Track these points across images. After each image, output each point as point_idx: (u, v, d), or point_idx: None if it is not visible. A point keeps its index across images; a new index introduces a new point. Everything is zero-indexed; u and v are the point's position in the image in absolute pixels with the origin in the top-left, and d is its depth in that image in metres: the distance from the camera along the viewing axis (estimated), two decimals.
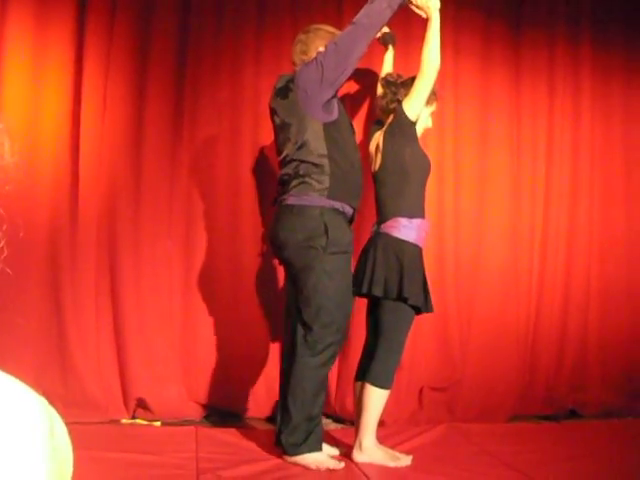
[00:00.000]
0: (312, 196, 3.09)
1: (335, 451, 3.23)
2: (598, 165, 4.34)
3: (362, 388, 3.19)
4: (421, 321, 3.96)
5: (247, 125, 3.92)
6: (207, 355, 3.87)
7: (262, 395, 3.87)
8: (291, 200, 3.12)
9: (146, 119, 3.80)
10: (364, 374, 3.19)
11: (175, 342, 3.84)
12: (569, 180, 4.29)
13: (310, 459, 3.04)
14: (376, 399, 3.15)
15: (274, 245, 3.25)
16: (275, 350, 3.89)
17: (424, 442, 3.49)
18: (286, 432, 3.07)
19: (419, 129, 3.31)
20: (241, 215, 3.91)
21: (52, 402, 3.24)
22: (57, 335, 3.67)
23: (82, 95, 3.71)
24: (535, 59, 4.24)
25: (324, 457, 3.08)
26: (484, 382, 4.06)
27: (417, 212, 3.24)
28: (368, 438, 3.16)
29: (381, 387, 3.15)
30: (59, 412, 3.09)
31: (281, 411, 3.15)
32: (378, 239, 3.21)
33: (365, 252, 3.26)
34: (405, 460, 3.13)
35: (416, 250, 3.22)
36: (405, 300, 3.14)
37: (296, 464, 3.05)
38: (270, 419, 3.82)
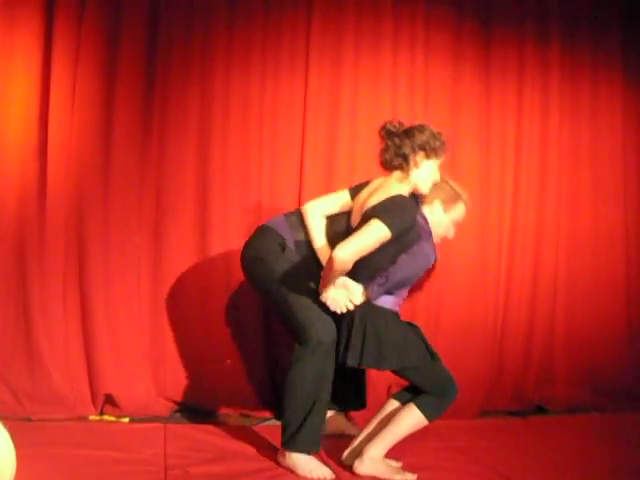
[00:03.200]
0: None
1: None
2: (566, 163, 4.40)
3: (395, 406, 3.13)
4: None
5: (216, 125, 3.91)
6: (175, 351, 3.86)
7: (233, 391, 3.86)
8: None
9: (115, 119, 3.77)
10: (409, 398, 3.09)
11: (143, 338, 3.82)
12: (537, 177, 4.33)
13: (301, 462, 2.98)
14: (415, 423, 3.04)
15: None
16: (245, 345, 3.89)
17: None
18: (283, 428, 3.03)
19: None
20: (210, 214, 3.90)
21: (19, 398, 3.24)
22: (24, 331, 3.63)
23: (50, 95, 3.68)
24: (505, 58, 4.28)
25: (316, 464, 2.99)
26: (454, 377, 4.08)
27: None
28: (378, 450, 3.02)
29: (427, 417, 3.05)
30: (26, 408, 3.09)
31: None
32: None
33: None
34: (410, 477, 2.99)
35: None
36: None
37: (285, 464, 3.01)
38: (242, 415, 3.83)
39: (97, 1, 3.73)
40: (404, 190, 3.02)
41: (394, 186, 3.01)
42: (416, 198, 3.13)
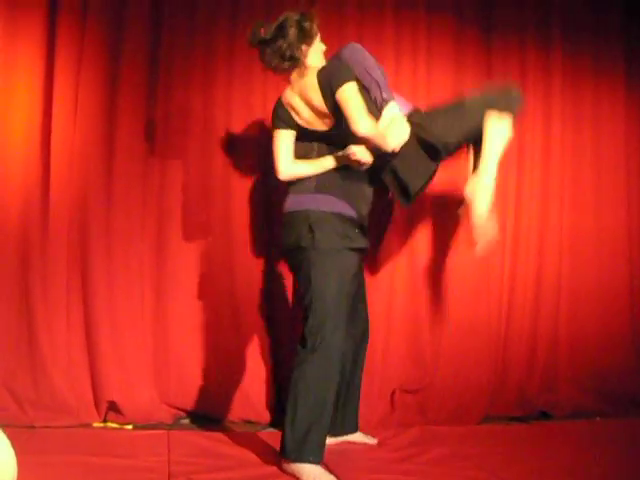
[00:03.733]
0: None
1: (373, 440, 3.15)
2: (568, 167, 4.40)
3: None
4: (392, 323, 4.00)
5: (219, 133, 3.92)
6: (179, 358, 3.85)
7: (237, 398, 3.86)
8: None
9: (117, 127, 3.78)
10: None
11: (147, 345, 3.82)
12: (540, 182, 4.33)
13: (305, 470, 2.95)
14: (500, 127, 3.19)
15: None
16: (248, 352, 3.89)
17: (396, 445, 3.49)
18: (286, 433, 3.01)
19: None
20: (213, 218, 3.91)
21: (22, 406, 3.24)
22: (27, 338, 3.64)
23: (52, 103, 3.69)
24: (506, 64, 4.28)
25: (320, 471, 2.97)
26: (456, 384, 4.08)
27: None
28: (490, 170, 3.18)
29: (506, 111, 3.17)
30: (29, 416, 3.09)
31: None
32: None
33: None
34: None
35: None
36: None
37: (289, 470, 2.99)
38: (245, 422, 3.82)
39: (99, 9, 3.75)
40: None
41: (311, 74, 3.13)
42: None
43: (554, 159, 4.35)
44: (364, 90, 3.11)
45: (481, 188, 3.22)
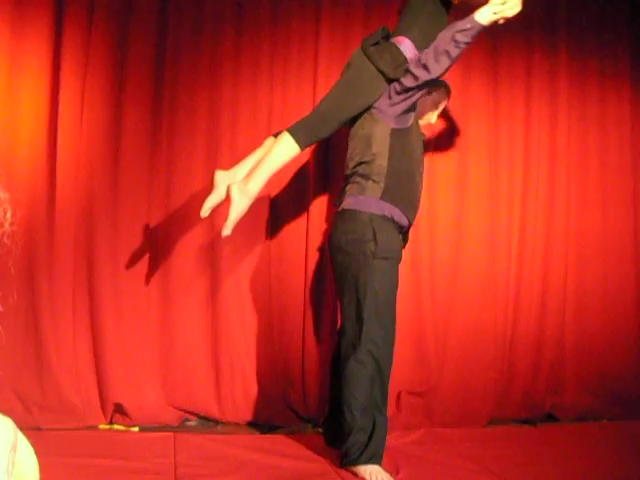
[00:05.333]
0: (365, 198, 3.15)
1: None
2: (574, 170, 4.38)
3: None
4: (398, 325, 3.99)
5: (225, 133, 3.92)
6: (185, 360, 3.85)
7: (241, 400, 3.86)
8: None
9: (124, 127, 3.79)
10: None
11: (153, 347, 3.83)
12: (546, 185, 4.32)
13: (369, 470, 2.98)
14: (286, 148, 3.19)
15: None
16: (255, 354, 3.89)
17: (403, 448, 3.48)
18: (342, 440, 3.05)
19: None
20: (219, 224, 3.89)
21: (29, 407, 3.24)
22: (33, 340, 3.64)
23: (59, 103, 3.69)
24: (512, 66, 4.27)
25: (379, 469, 2.99)
26: (462, 386, 4.08)
27: None
28: (257, 183, 3.14)
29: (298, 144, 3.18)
30: (36, 418, 3.09)
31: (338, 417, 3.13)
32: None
33: None
34: None
35: None
36: None
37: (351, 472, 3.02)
38: (251, 424, 3.82)
39: (105, 9, 3.75)
40: None
41: None
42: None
43: (560, 162, 4.34)
44: None
45: None
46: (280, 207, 3.99)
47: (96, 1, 3.74)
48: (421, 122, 3.44)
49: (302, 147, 3.17)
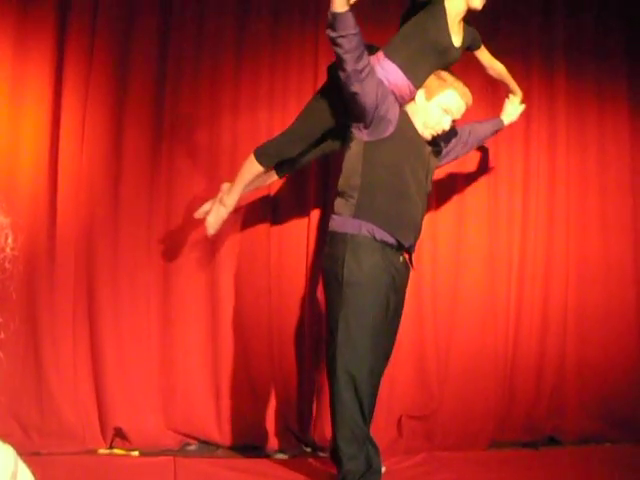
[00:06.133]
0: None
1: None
2: (574, 192, 4.39)
3: None
4: (399, 349, 3.98)
5: (225, 155, 3.93)
6: (186, 384, 3.84)
7: (244, 424, 3.84)
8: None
9: (125, 150, 3.81)
10: None
11: (153, 371, 3.81)
12: (545, 207, 4.33)
13: None
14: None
15: None
16: (256, 378, 3.88)
17: (403, 472, 3.46)
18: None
19: None
20: (219, 246, 3.91)
21: (28, 431, 3.23)
22: (33, 363, 3.63)
23: (60, 127, 3.71)
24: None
25: None
26: (463, 409, 4.06)
27: None
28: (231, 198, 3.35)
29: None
30: (35, 442, 3.08)
31: None
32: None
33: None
34: None
35: None
36: None
37: None
38: (251, 448, 3.80)
39: (107, 31, 3.78)
40: None
41: None
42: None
43: (559, 184, 4.35)
44: None
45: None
46: (281, 233, 3.99)
47: (97, 24, 3.77)
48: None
49: (265, 165, 3.25)
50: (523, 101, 3.85)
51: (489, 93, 4.17)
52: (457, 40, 3.22)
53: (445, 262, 4.15)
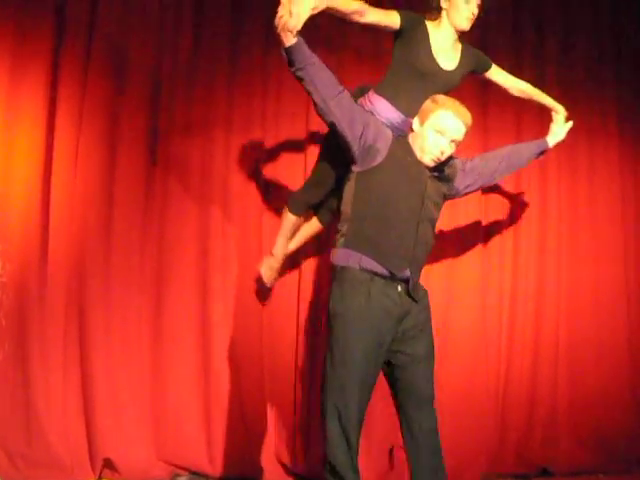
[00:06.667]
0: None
1: None
2: (565, 223, 4.42)
3: None
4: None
5: (217, 192, 3.95)
6: (177, 414, 3.82)
7: (232, 455, 3.81)
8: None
9: (117, 183, 3.82)
10: None
11: (144, 401, 3.79)
12: (537, 240, 4.35)
13: None
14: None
15: None
16: (247, 408, 3.85)
17: None
18: None
19: None
20: (211, 273, 3.91)
21: (15, 461, 3.19)
22: (22, 392, 3.60)
23: (53, 157, 3.72)
24: (502, 121, 4.34)
25: None
26: (455, 441, 4.02)
27: None
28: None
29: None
30: (22, 472, 3.05)
31: None
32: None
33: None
34: None
35: None
36: None
37: None
38: (241, 479, 3.77)
39: (100, 65, 3.81)
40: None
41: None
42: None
43: (551, 216, 4.38)
44: None
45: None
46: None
47: (92, 53, 3.80)
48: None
49: (296, 213, 3.44)
50: (569, 118, 3.62)
51: (480, 117, 4.16)
52: (450, 63, 3.23)
53: (436, 295, 4.10)
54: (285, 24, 2.69)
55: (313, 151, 3.96)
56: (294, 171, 4.01)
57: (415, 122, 3.02)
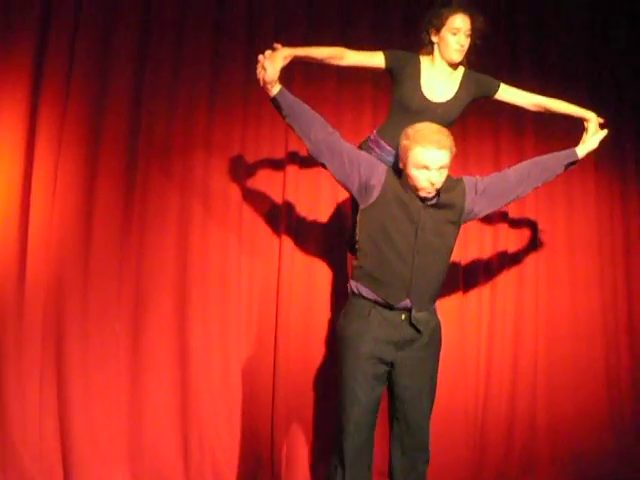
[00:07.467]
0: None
1: None
2: (543, 251, 4.47)
3: None
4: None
5: (196, 215, 3.94)
6: (154, 441, 3.79)
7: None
8: None
9: (96, 205, 3.79)
10: None
11: (121, 428, 3.75)
12: (515, 265, 4.39)
13: None
14: None
15: None
16: (223, 436, 3.84)
17: None
18: None
19: None
20: (190, 302, 3.89)
21: None
22: None
23: (32, 177, 3.68)
24: (480, 149, 4.38)
25: None
26: (433, 465, 4.03)
27: None
28: None
29: None
30: None
31: None
32: None
33: None
34: None
35: None
36: None
37: None
38: None
39: (80, 87, 3.78)
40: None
41: None
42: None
43: (528, 242, 4.42)
44: None
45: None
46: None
47: (73, 75, 3.77)
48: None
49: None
50: (602, 125, 3.46)
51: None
52: (445, 95, 3.27)
53: None
54: (263, 78, 2.95)
55: (292, 171, 4.00)
56: (273, 191, 4.03)
57: (398, 163, 3.06)
